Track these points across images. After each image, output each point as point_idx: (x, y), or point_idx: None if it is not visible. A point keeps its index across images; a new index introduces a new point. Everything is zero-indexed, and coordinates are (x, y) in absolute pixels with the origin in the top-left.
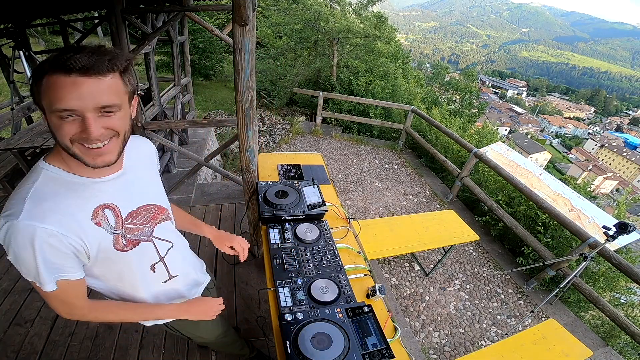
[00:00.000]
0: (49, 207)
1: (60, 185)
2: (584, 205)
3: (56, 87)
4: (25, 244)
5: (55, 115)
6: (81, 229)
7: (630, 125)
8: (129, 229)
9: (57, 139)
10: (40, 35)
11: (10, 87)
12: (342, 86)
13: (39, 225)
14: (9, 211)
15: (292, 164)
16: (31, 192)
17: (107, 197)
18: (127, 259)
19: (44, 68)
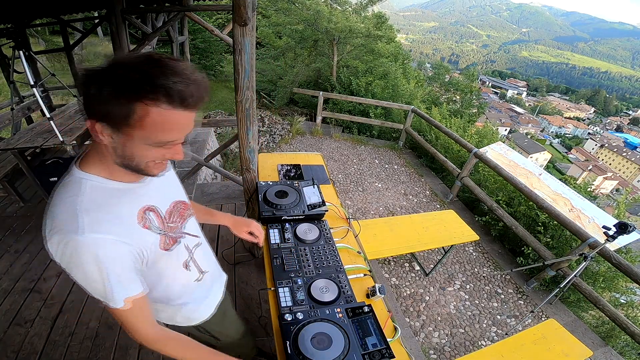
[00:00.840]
0: (104, 218)
1: (104, 194)
2: (584, 205)
3: (166, 120)
4: (90, 259)
5: (150, 143)
6: (135, 235)
7: (630, 125)
8: (170, 227)
9: (133, 159)
10: (40, 35)
11: (10, 87)
12: (342, 86)
13: (102, 236)
14: (63, 227)
15: (292, 164)
16: (80, 204)
17: (146, 199)
18: (169, 258)
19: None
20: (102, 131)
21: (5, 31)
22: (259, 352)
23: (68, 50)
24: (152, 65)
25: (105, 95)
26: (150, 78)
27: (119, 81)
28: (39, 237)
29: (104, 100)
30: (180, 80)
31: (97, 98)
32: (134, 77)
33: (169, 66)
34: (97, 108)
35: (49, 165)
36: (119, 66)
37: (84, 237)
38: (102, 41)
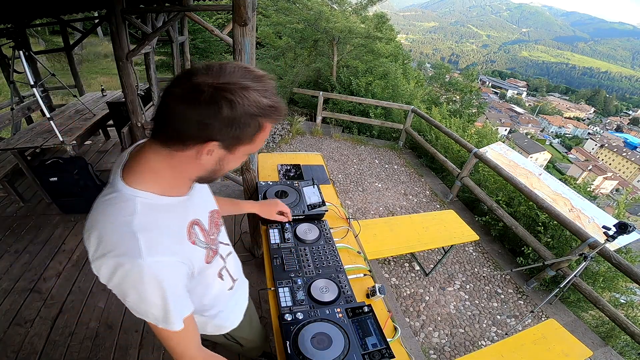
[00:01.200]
0: (161, 238)
1: (157, 211)
2: (584, 205)
3: (267, 134)
4: (152, 284)
5: (245, 154)
6: (187, 252)
7: (630, 125)
8: (211, 239)
9: (221, 172)
10: (40, 35)
11: (10, 87)
12: (342, 86)
13: (163, 259)
14: (120, 250)
15: (292, 164)
16: (137, 225)
17: (192, 213)
18: (209, 270)
19: (267, 115)
20: (212, 151)
21: (5, 31)
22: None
23: (68, 50)
24: (271, 86)
25: (245, 115)
26: (272, 96)
27: (257, 103)
28: (39, 237)
29: (240, 121)
30: (278, 97)
31: (231, 117)
32: (265, 99)
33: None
34: (227, 127)
35: (49, 165)
36: (250, 90)
37: (144, 261)
38: (102, 41)
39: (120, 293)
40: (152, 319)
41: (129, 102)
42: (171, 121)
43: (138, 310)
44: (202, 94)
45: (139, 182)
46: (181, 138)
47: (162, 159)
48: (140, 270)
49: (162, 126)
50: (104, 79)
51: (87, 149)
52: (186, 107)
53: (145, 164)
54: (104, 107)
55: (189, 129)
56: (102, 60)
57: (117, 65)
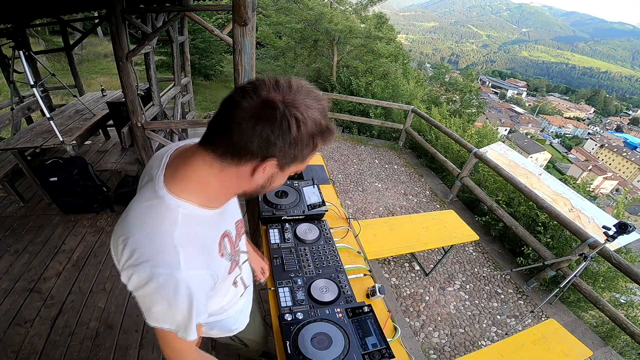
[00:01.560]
0: (198, 251)
1: (196, 223)
2: (583, 205)
3: (314, 154)
4: (184, 295)
5: (292, 172)
6: (216, 265)
7: (630, 125)
8: (236, 251)
9: (267, 189)
10: (40, 35)
11: (10, 87)
12: (342, 86)
13: (198, 273)
14: (157, 260)
15: None
16: (178, 237)
17: (224, 225)
18: (230, 279)
19: (321, 134)
20: (267, 168)
21: (5, 31)
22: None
23: (68, 50)
24: (325, 104)
25: (307, 136)
26: (327, 119)
27: (318, 126)
28: (39, 237)
29: (303, 141)
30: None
31: (297, 138)
32: (322, 119)
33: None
34: (289, 146)
35: (49, 165)
36: (312, 110)
37: (181, 274)
38: (102, 41)
39: (148, 302)
40: (174, 328)
41: (129, 102)
42: (235, 135)
43: (161, 319)
44: (275, 111)
45: (184, 192)
46: (241, 153)
47: (212, 171)
48: (176, 283)
49: (223, 138)
50: (104, 79)
51: (87, 149)
52: (255, 122)
53: (193, 174)
54: (104, 107)
55: (252, 145)
56: (102, 60)
57: (117, 65)
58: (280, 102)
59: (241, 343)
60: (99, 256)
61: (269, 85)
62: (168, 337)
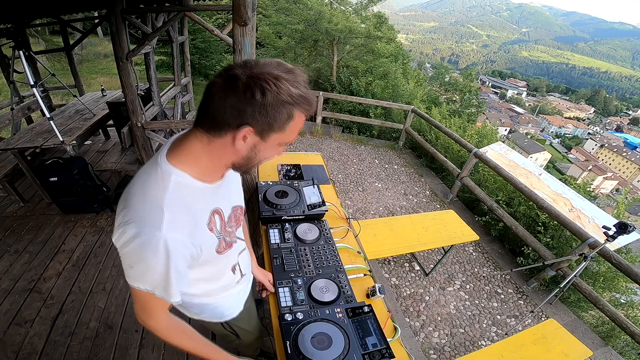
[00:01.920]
0: (184, 217)
1: (188, 192)
2: (584, 205)
3: (299, 125)
4: (161, 257)
5: (279, 144)
6: (201, 236)
7: (630, 125)
8: (227, 232)
9: (255, 160)
10: (40, 35)
11: (10, 87)
12: (342, 86)
13: (178, 236)
14: (144, 219)
15: (292, 164)
16: (167, 200)
17: (217, 202)
18: (219, 261)
19: (297, 103)
20: (247, 137)
21: (5, 31)
22: (260, 353)
23: (68, 50)
24: (302, 80)
25: (276, 102)
26: (302, 88)
27: (288, 91)
28: (39, 237)
29: (273, 107)
30: (308, 89)
31: (264, 104)
32: (295, 89)
33: (304, 77)
34: (261, 113)
35: (49, 165)
36: (281, 80)
37: (162, 234)
38: (102, 41)
39: (129, 259)
40: (151, 288)
41: (129, 102)
42: (211, 109)
43: (139, 278)
44: (238, 81)
45: (179, 163)
46: (219, 124)
47: (203, 145)
48: (157, 242)
49: (205, 114)
50: (104, 79)
51: (87, 149)
52: (224, 94)
53: (187, 148)
54: (104, 107)
55: (226, 115)
56: (102, 60)
57: (117, 65)
58: (244, 75)
59: (232, 332)
60: (99, 256)
61: (238, 64)
62: (144, 299)
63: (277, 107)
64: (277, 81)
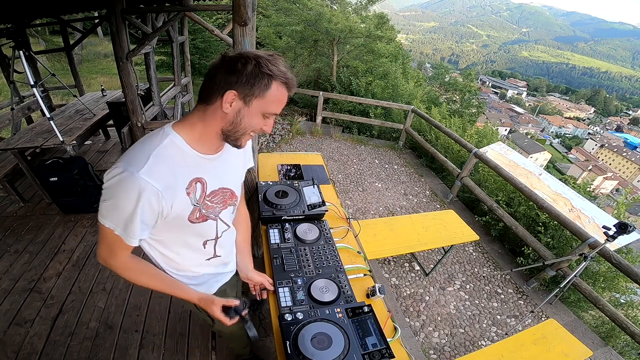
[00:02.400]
0: (165, 169)
1: (177, 152)
2: (584, 205)
3: (279, 96)
4: (132, 196)
5: (262, 114)
6: (176, 195)
7: (630, 125)
8: (206, 205)
9: (240, 127)
10: (40, 35)
11: (10, 87)
12: (342, 86)
13: (153, 183)
14: (131, 161)
15: (292, 164)
16: (155, 151)
17: (202, 171)
18: (192, 230)
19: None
20: (232, 101)
21: (5, 31)
22: (253, 357)
23: (68, 50)
24: (281, 61)
25: (255, 71)
26: (280, 67)
27: (266, 66)
28: (39, 237)
29: (253, 75)
30: (288, 71)
31: (246, 73)
32: (273, 66)
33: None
34: (243, 80)
35: (49, 165)
36: (262, 57)
37: (139, 175)
38: (102, 41)
39: (105, 194)
40: (113, 224)
41: (129, 102)
42: (206, 82)
43: (106, 214)
44: (226, 57)
45: (180, 129)
46: (210, 93)
47: (199, 113)
48: (130, 180)
49: (202, 88)
50: (104, 79)
51: (87, 149)
52: (216, 69)
53: (188, 117)
54: (104, 107)
55: (215, 85)
56: (102, 60)
57: (117, 65)
58: (232, 54)
59: (207, 314)
60: None
61: (230, 51)
62: (107, 237)
63: (256, 76)
64: (258, 58)
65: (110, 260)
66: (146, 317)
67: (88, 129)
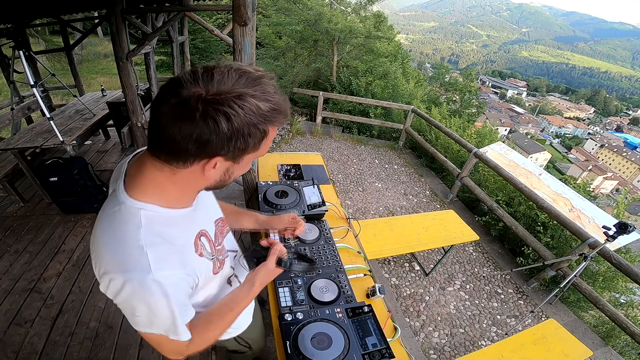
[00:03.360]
0: (168, 252)
1: (163, 224)
2: (584, 205)
3: (274, 135)
4: (159, 296)
5: (252, 160)
6: (193, 264)
7: (630, 125)
8: (218, 250)
9: (230, 179)
10: (40, 35)
11: (10, 87)
12: (342, 86)
13: (170, 273)
14: (130, 264)
15: (292, 164)
16: (144, 239)
17: (198, 224)
18: (219, 279)
19: (269, 120)
20: (217, 165)
21: (5, 31)
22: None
23: (68, 50)
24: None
25: (246, 129)
26: (275, 98)
27: (258, 111)
28: (39, 237)
29: (243, 134)
30: (279, 95)
31: (233, 131)
32: (265, 102)
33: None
34: (231, 143)
35: (49, 165)
36: (246, 98)
37: (154, 276)
38: (102, 41)
39: (129, 308)
40: (163, 331)
41: (129, 102)
42: (167, 141)
43: (147, 324)
44: (194, 111)
45: (143, 195)
46: (181, 157)
47: (165, 175)
48: (150, 286)
49: (159, 146)
50: (104, 79)
51: (87, 149)
52: (180, 126)
53: (148, 179)
54: (104, 107)
55: (188, 148)
56: (102, 60)
57: (117, 65)
58: (199, 99)
59: (246, 345)
60: None
61: (185, 80)
62: (162, 340)
63: (247, 131)
64: (242, 101)
65: (185, 353)
66: None
67: (88, 129)
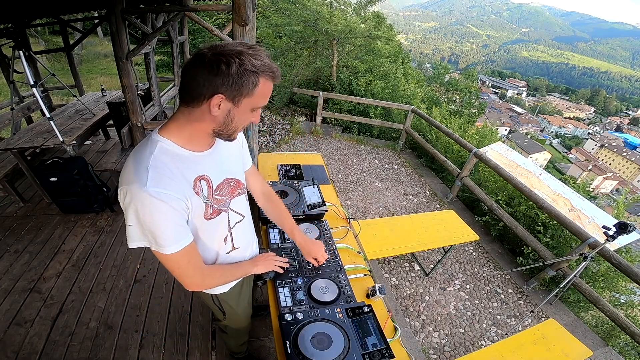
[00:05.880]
0: (167, 175)
1: (171, 157)
2: (583, 205)
3: (266, 90)
4: (150, 208)
5: (251, 109)
6: (188, 195)
7: (630, 125)
8: (216, 199)
9: (232, 126)
10: (40, 35)
11: (10, 87)
12: (342, 86)
13: (162, 190)
14: (134, 178)
15: (292, 164)
16: (151, 161)
17: (202, 169)
18: (210, 227)
19: (260, 71)
20: (220, 104)
21: (5, 31)
22: (248, 356)
23: (68, 50)
24: (263, 53)
25: (241, 71)
26: (264, 60)
27: (250, 63)
28: (39, 237)
29: (239, 75)
30: (272, 62)
31: (231, 74)
32: (257, 60)
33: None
34: (230, 82)
35: (49, 165)
36: (244, 54)
37: (146, 188)
38: (102, 41)
39: (127, 219)
40: (147, 242)
41: (129, 102)
42: (187, 84)
43: (135, 237)
44: (204, 58)
45: (167, 133)
46: (194, 96)
47: (185, 115)
48: (140, 195)
49: (183, 90)
50: (104, 79)
51: (87, 149)
52: (194, 70)
53: (173, 120)
54: (104, 107)
55: (198, 88)
56: (102, 60)
57: (117, 65)
58: (209, 52)
59: (219, 308)
60: (99, 256)
61: (204, 47)
62: (156, 255)
63: (242, 76)
64: (240, 55)
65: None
66: (146, 317)
67: (88, 129)
